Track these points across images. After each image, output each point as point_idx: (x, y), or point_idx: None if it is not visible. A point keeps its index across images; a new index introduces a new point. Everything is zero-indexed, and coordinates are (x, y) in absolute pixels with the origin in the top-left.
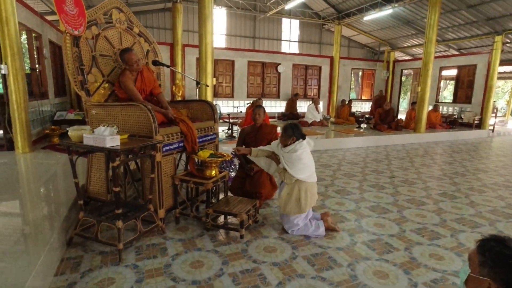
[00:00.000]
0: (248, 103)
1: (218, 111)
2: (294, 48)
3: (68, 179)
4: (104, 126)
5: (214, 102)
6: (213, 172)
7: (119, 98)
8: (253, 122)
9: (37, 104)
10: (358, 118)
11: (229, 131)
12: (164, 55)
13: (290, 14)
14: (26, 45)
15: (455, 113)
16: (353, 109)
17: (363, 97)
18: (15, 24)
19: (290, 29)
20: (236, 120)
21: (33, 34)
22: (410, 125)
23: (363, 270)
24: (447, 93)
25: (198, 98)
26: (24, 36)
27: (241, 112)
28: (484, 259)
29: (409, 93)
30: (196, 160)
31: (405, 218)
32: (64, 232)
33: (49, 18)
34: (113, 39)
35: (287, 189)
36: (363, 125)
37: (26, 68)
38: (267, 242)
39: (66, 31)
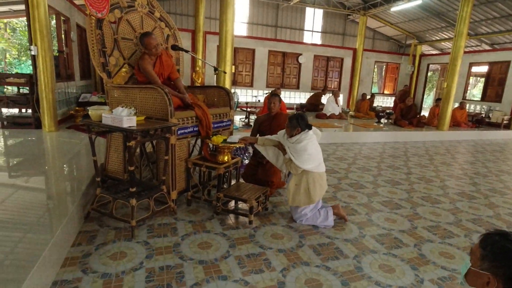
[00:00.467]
0: (266, 93)
1: (235, 99)
2: (316, 38)
3: (88, 157)
4: (122, 107)
5: (232, 90)
6: (226, 158)
7: (138, 81)
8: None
9: (63, 86)
10: (378, 113)
11: (246, 120)
12: (186, 41)
13: (314, 3)
14: (55, 27)
15: (482, 112)
16: (375, 104)
17: (386, 92)
18: (45, 7)
19: (314, 19)
20: (253, 109)
21: (62, 18)
22: (433, 122)
23: (369, 262)
24: (477, 91)
25: (215, 83)
26: (53, 20)
27: (259, 101)
28: (485, 253)
29: (434, 89)
30: (210, 145)
31: (418, 215)
32: (82, 207)
33: (76, 2)
34: (135, 22)
35: (294, 180)
36: (383, 120)
37: (54, 50)
38: (275, 229)
39: (90, 14)
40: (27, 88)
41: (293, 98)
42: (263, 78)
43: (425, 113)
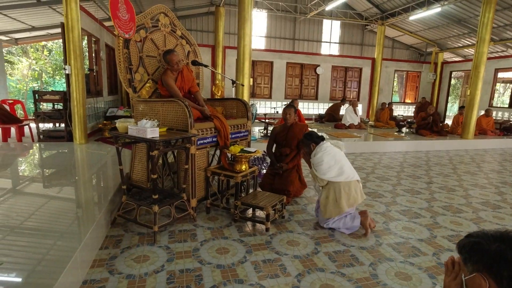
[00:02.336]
0: (285, 104)
1: (254, 111)
2: (334, 49)
3: (115, 167)
4: (146, 119)
5: (251, 102)
6: (243, 167)
7: (161, 95)
8: None
9: (93, 101)
10: (399, 122)
11: (265, 131)
12: (206, 56)
13: (331, 15)
14: (86, 48)
15: (511, 119)
16: (395, 113)
17: (407, 100)
18: (79, 30)
19: (331, 30)
20: (272, 121)
21: (93, 39)
22: (457, 130)
23: (385, 270)
24: (507, 98)
25: (233, 96)
26: (85, 41)
27: (277, 112)
28: (464, 256)
29: (459, 98)
30: (229, 155)
31: (438, 224)
32: (109, 213)
33: (106, 23)
34: (158, 41)
35: (324, 193)
36: (404, 129)
37: (85, 68)
38: (291, 236)
39: (119, 35)
40: (61, 104)
41: (311, 109)
42: (281, 90)
43: (449, 121)
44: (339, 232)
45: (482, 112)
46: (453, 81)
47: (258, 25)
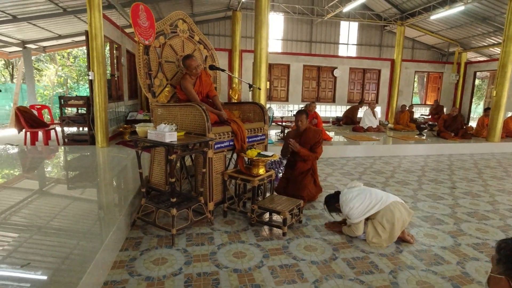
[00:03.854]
0: (302, 107)
1: (270, 114)
2: (352, 51)
3: (135, 170)
4: (165, 124)
5: (268, 105)
6: (260, 171)
7: (180, 99)
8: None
9: (114, 106)
10: (420, 125)
11: (281, 134)
12: (223, 60)
13: (349, 17)
14: (108, 54)
15: None
16: (416, 115)
17: (428, 102)
18: (102, 38)
19: (349, 31)
20: (289, 124)
21: (115, 45)
22: (481, 133)
23: (406, 278)
24: None
25: (251, 99)
26: (107, 47)
27: (294, 116)
28: (499, 257)
29: (484, 98)
30: (246, 159)
31: (462, 231)
32: (129, 215)
33: (127, 30)
34: (177, 47)
35: (370, 226)
36: (425, 132)
37: (107, 74)
38: (308, 241)
39: (139, 42)
40: (84, 108)
41: (329, 111)
42: (298, 93)
43: (473, 124)
44: (357, 239)
45: (510, 114)
46: (477, 81)
47: (275, 28)
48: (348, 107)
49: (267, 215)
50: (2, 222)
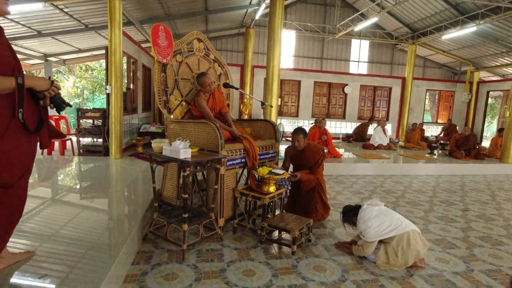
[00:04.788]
0: (312, 123)
1: (281, 130)
2: (363, 68)
3: (147, 183)
4: (179, 140)
5: (278, 121)
6: (271, 188)
7: (193, 116)
8: (315, 141)
9: (128, 118)
10: (431, 143)
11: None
12: (235, 75)
13: (360, 35)
14: (125, 68)
15: None
16: (427, 133)
17: (440, 121)
18: (120, 54)
19: (360, 49)
20: None
21: (131, 60)
22: (495, 154)
23: None
24: None
25: (263, 117)
26: (124, 61)
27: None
28: None
29: (497, 118)
30: (256, 176)
31: (475, 256)
32: (141, 229)
33: (143, 45)
34: (193, 65)
35: (382, 250)
36: (437, 151)
37: (123, 87)
38: (317, 261)
39: (157, 60)
40: (100, 120)
41: (339, 128)
42: (309, 108)
43: (486, 143)
44: (367, 260)
45: None
46: (490, 100)
47: (287, 44)
48: (358, 124)
49: (276, 233)
50: (17, 229)
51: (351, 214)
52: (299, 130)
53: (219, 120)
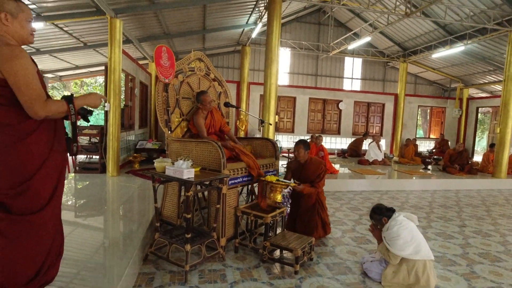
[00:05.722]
0: (308, 139)
1: (279, 146)
2: (356, 85)
3: (146, 201)
4: (181, 159)
5: (275, 138)
6: (278, 197)
7: (192, 134)
8: (313, 156)
9: (125, 135)
10: (425, 159)
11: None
12: (231, 92)
13: (353, 53)
14: (123, 85)
15: None
16: (420, 148)
17: (432, 136)
18: (119, 71)
19: (353, 66)
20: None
21: (130, 77)
22: (487, 169)
23: None
24: None
25: (261, 135)
26: (122, 79)
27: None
28: None
29: (487, 133)
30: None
31: (476, 273)
32: (141, 249)
33: (140, 62)
34: (193, 84)
35: (392, 268)
36: (430, 167)
37: (121, 104)
38: (321, 281)
39: (160, 80)
40: (97, 137)
41: (334, 143)
42: (304, 124)
43: (477, 157)
44: (371, 279)
45: None
46: (480, 116)
47: (282, 62)
48: (353, 139)
49: (278, 252)
50: None
51: (383, 214)
52: (299, 142)
53: (220, 138)
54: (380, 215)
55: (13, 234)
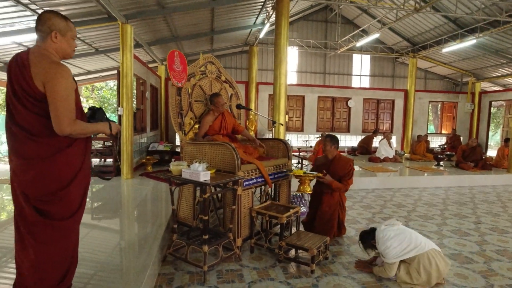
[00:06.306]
0: (317, 137)
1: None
2: (365, 82)
3: (161, 203)
4: (196, 162)
5: (286, 138)
6: (308, 189)
7: (205, 134)
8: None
9: (138, 138)
10: (437, 155)
11: (299, 165)
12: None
13: (361, 50)
14: (135, 89)
15: None
16: (432, 144)
17: (444, 131)
18: (131, 76)
19: (361, 63)
20: (305, 154)
21: (141, 81)
22: (502, 164)
23: None
24: None
25: (272, 135)
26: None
27: (311, 147)
28: None
29: (501, 127)
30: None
31: (494, 271)
32: (160, 250)
33: (150, 65)
34: (205, 87)
35: (403, 269)
36: (443, 162)
37: (133, 108)
38: (337, 279)
39: (173, 84)
40: (111, 141)
41: (343, 141)
42: (313, 123)
43: (491, 152)
44: (386, 278)
45: None
46: (493, 110)
47: (290, 60)
48: (363, 136)
49: (293, 251)
50: None
51: (369, 238)
52: (327, 136)
53: (232, 139)
54: (368, 241)
55: (46, 238)
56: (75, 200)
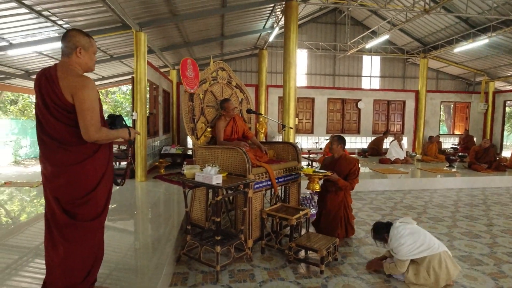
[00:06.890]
0: (327, 139)
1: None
2: (375, 83)
3: (174, 205)
4: (209, 165)
5: (296, 140)
6: (317, 186)
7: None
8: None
9: (151, 141)
10: (449, 156)
11: (309, 167)
12: (250, 95)
13: (371, 51)
14: (148, 94)
15: None
16: (445, 145)
17: (456, 132)
18: (145, 81)
19: (371, 65)
20: (315, 156)
21: (153, 86)
22: None
23: None
24: None
25: (282, 137)
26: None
27: (320, 149)
28: None
29: None
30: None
31: (504, 273)
32: (175, 251)
33: (162, 70)
34: (217, 92)
35: (412, 269)
36: (455, 164)
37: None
38: (346, 280)
39: (186, 91)
40: (125, 145)
41: (354, 143)
42: (323, 125)
43: (506, 153)
44: (395, 278)
45: None
46: (508, 109)
47: (299, 63)
48: (373, 138)
49: (303, 252)
50: None
51: (382, 231)
52: (334, 136)
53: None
54: (381, 234)
55: (75, 237)
56: (100, 202)
